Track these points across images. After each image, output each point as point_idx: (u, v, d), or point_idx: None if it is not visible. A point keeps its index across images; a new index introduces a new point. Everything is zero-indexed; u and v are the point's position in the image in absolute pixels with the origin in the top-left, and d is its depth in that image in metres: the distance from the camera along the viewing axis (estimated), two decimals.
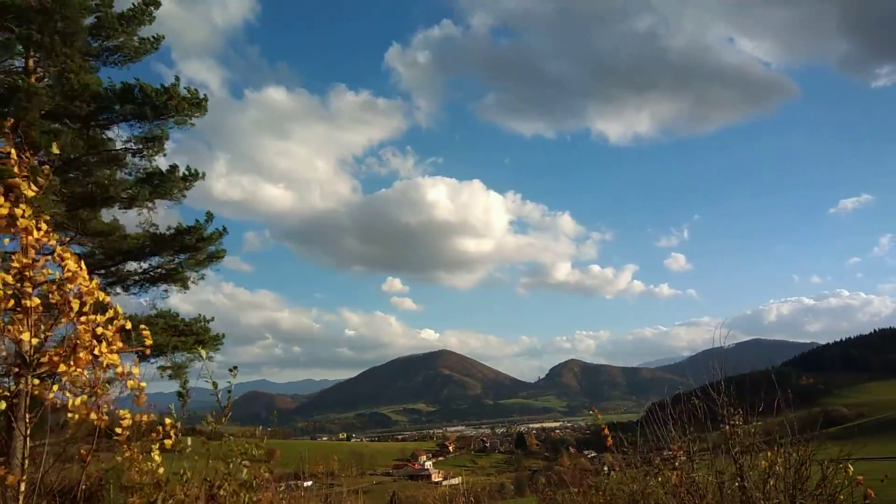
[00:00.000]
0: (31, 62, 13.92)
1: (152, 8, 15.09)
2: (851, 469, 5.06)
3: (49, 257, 3.75)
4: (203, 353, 4.87)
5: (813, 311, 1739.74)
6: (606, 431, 7.05)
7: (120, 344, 3.90)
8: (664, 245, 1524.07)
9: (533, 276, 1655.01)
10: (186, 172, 14.98)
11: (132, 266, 15.81)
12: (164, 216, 16.01)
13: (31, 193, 3.62)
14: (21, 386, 3.85)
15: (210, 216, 15.31)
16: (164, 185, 14.81)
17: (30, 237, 3.62)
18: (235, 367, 4.64)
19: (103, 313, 3.89)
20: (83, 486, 4.59)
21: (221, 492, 4.19)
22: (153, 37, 15.43)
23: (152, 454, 4.20)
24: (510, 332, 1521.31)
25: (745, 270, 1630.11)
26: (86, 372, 3.83)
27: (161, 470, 4.20)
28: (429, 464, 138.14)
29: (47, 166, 3.86)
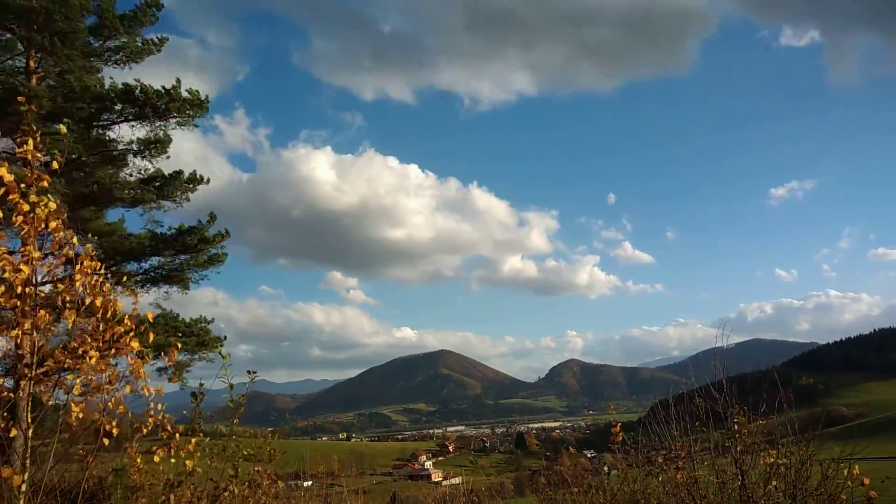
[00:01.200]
0: (31, 62, 13.92)
1: (154, 9, 15.09)
2: (857, 470, 5.05)
3: (59, 252, 3.76)
4: (224, 354, 4.85)
5: (801, 310, 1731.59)
6: (618, 428, 7.06)
7: (136, 345, 3.90)
8: (611, 237, 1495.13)
9: (485, 269, 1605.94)
10: (191, 176, 15.01)
11: (133, 266, 15.83)
12: (163, 218, 15.98)
13: (44, 185, 3.64)
14: (22, 385, 3.86)
15: (213, 217, 15.31)
16: (166, 187, 14.83)
17: (38, 229, 3.63)
18: (255, 371, 4.66)
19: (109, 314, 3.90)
20: (85, 487, 4.59)
21: (226, 493, 4.19)
22: (157, 37, 15.45)
23: (155, 456, 4.21)
24: (490, 331, 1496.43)
25: (704, 263, 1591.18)
26: (93, 373, 3.83)
27: (163, 469, 4.21)
28: (429, 464, 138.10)
29: (57, 153, 3.87)
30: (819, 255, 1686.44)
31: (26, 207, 3.59)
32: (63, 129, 4.28)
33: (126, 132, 14.56)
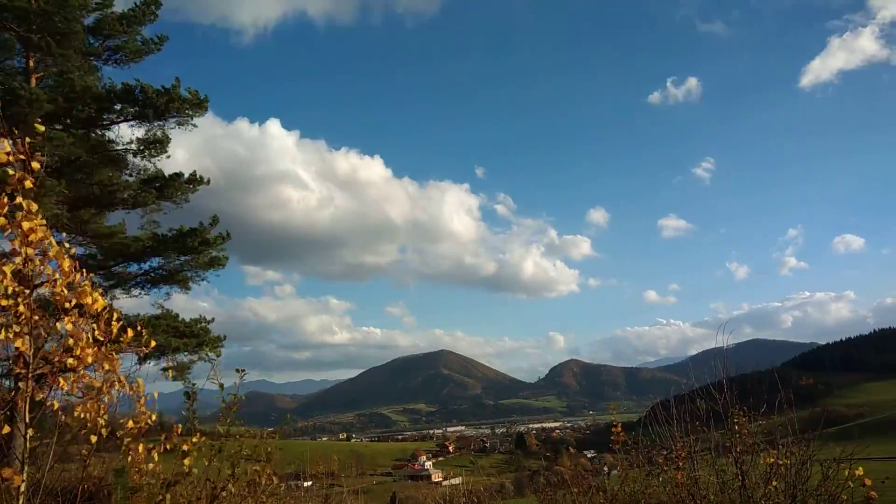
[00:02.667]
0: (31, 62, 13.91)
1: (154, 7, 15.05)
2: (860, 471, 5.05)
3: (45, 256, 3.74)
4: (216, 353, 4.89)
5: (782, 311, 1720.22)
6: (619, 428, 7.08)
7: (119, 344, 3.89)
8: (531, 225, 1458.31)
9: (415, 262, 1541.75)
10: (190, 176, 15.00)
11: (133, 267, 15.82)
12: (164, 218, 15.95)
13: (28, 185, 3.61)
14: (21, 386, 3.85)
15: (215, 220, 15.30)
16: (167, 188, 14.81)
17: (30, 234, 3.61)
18: (244, 369, 4.66)
19: (98, 315, 3.89)
20: (84, 487, 4.58)
21: (224, 493, 4.18)
22: (156, 36, 15.42)
23: (152, 454, 4.19)
24: (466, 331, 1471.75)
25: (645, 253, 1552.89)
26: (86, 373, 3.82)
27: (163, 470, 4.20)
28: (429, 464, 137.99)
29: (39, 153, 3.82)
30: (775, 245, 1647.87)
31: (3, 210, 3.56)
32: (41, 128, 4.23)
33: (126, 132, 14.56)
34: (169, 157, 15.23)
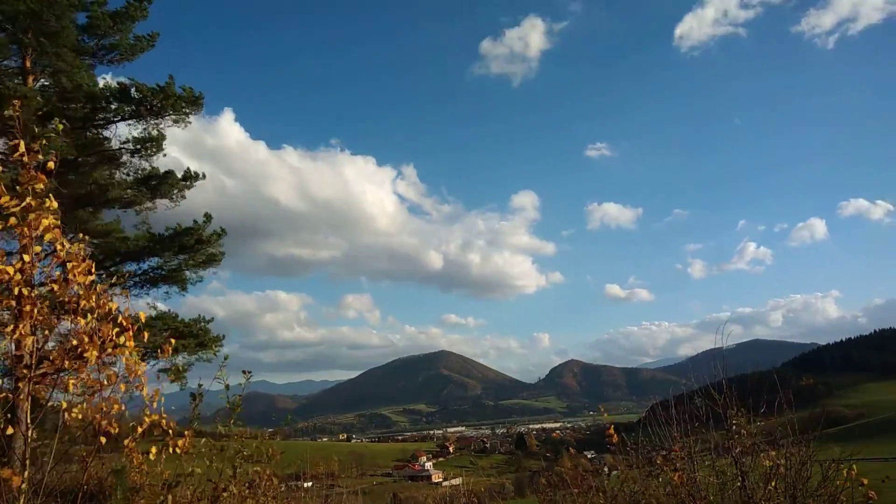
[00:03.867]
0: (27, 63, 13.87)
1: (145, 4, 14.92)
2: (856, 470, 5.05)
3: (54, 255, 3.76)
4: (225, 355, 4.88)
5: (771, 310, 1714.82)
6: (612, 430, 7.05)
7: (131, 344, 3.90)
8: (449, 210, 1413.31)
9: (356, 259, 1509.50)
10: (185, 173, 14.96)
11: (132, 266, 15.78)
12: (161, 217, 15.90)
13: (40, 186, 3.63)
14: (21, 386, 3.85)
15: (209, 217, 15.26)
16: (162, 186, 14.77)
17: (35, 232, 3.63)
18: (249, 371, 4.66)
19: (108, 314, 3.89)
20: (85, 488, 4.58)
21: (226, 494, 4.18)
22: (148, 34, 15.32)
23: (150, 455, 4.19)
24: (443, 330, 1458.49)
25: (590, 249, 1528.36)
26: (91, 373, 3.83)
27: (164, 471, 4.19)
28: (429, 464, 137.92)
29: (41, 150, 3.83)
30: (732, 237, 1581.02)
31: (17, 210, 3.58)
32: (59, 126, 4.26)
33: (123, 131, 14.50)
34: (165, 154, 15.18)
